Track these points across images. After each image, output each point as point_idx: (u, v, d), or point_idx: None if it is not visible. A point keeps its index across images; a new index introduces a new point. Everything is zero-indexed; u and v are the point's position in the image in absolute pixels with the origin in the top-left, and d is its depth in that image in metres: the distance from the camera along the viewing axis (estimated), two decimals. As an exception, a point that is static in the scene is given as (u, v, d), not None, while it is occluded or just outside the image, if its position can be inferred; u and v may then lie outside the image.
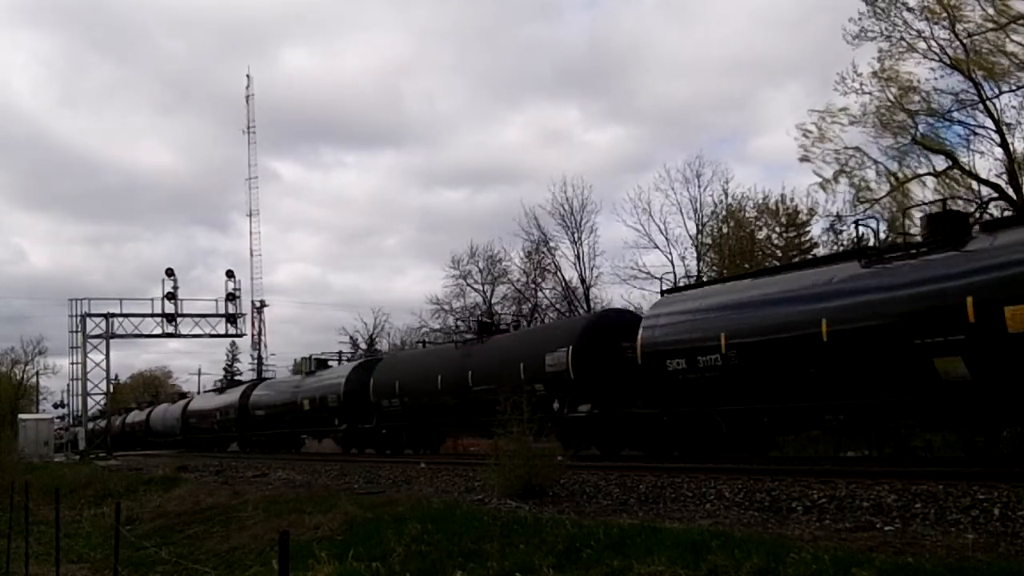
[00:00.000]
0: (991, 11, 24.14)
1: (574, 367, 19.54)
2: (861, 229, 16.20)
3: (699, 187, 37.03)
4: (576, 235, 41.37)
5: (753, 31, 79.97)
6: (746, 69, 77.63)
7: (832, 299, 13.84)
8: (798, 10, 72.31)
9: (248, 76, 59.51)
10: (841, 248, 31.88)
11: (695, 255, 37.14)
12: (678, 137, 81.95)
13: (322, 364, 35.88)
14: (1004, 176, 25.84)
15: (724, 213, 36.97)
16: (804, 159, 29.03)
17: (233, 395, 42.11)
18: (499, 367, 21.96)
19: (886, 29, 25.90)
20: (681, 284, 29.25)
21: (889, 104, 26.68)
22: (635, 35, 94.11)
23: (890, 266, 13.47)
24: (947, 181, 27.34)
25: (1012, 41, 24.23)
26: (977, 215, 25.71)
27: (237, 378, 65.18)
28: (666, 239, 37.40)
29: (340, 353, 40.65)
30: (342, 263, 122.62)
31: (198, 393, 61.18)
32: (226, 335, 52.76)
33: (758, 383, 15.13)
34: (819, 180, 29.22)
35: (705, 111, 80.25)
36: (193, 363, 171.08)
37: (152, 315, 48.76)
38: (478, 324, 27.92)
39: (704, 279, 31.96)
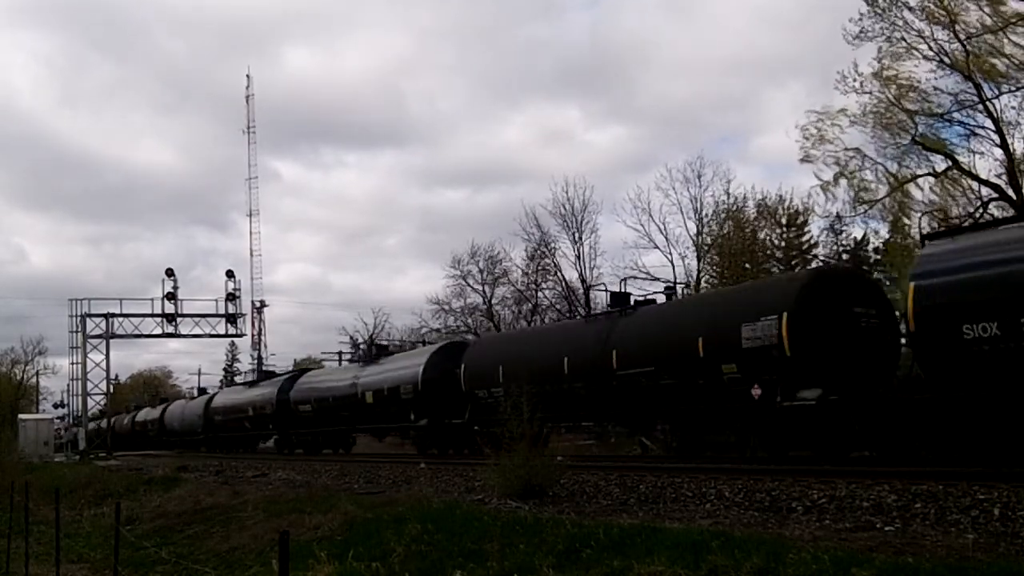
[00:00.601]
0: (989, 11, 24.17)
1: (791, 340, 14.66)
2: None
3: (699, 187, 37.00)
4: (576, 235, 41.34)
5: (754, 30, 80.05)
6: (747, 68, 77.73)
7: None
8: (799, 9, 72.37)
9: (248, 76, 59.47)
10: (842, 248, 31.99)
11: (695, 255, 37.13)
12: (679, 137, 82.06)
13: (383, 350, 32.66)
14: (1004, 176, 25.87)
15: (724, 215, 36.99)
16: (805, 160, 29.07)
17: (269, 388, 36.83)
18: (660, 345, 17.70)
19: (886, 29, 25.92)
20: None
21: (889, 104, 26.71)
22: (636, 34, 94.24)
23: None
24: (947, 182, 27.38)
25: (1010, 42, 24.27)
26: (977, 215, 25.82)
27: (237, 377, 65.07)
28: (666, 239, 37.35)
29: (340, 353, 40.61)
30: (342, 263, 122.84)
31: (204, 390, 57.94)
32: (226, 335, 52.88)
33: None
34: (819, 183, 29.27)
35: (706, 111, 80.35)
36: (193, 363, 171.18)
37: (152, 315, 48.83)
38: (613, 296, 22.24)
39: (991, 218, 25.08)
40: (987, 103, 25.41)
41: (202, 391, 55.68)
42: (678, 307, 20.10)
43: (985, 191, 26.49)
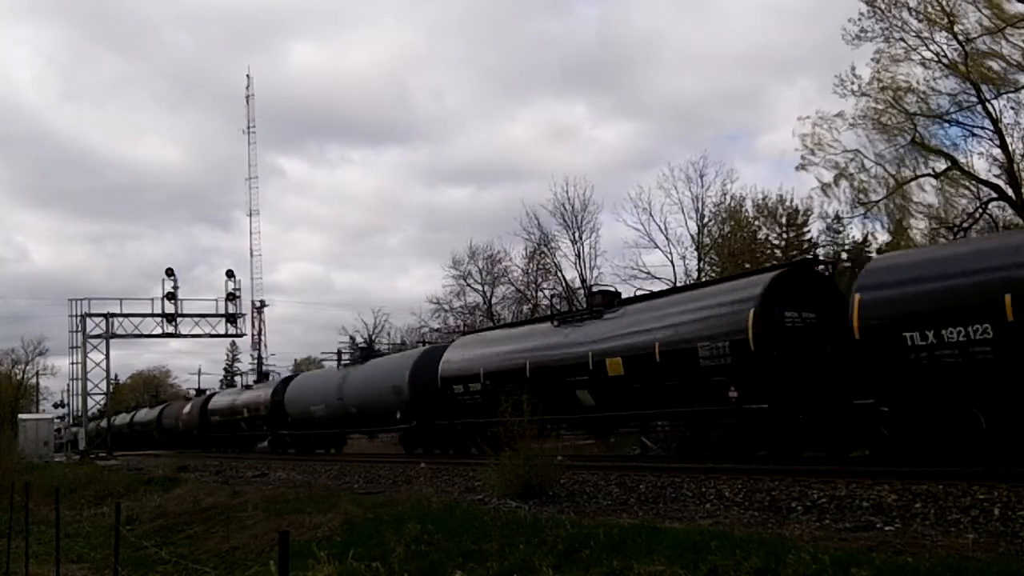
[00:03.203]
0: (987, 13, 24.21)
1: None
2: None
3: (701, 186, 36.96)
4: (577, 235, 41.32)
5: (764, 26, 79.95)
6: (756, 64, 77.56)
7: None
8: (809, 5, 71.91)
9: (248, 76, 59.33)
10: (842, 248, 32.01)
11: (696, 255, 37.11)
12: (686, 133, 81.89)
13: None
14: (1003, 177, 25.90)
15: (724, 215, 36.98)
16: (802, 168, 29.22)
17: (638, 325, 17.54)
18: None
19: (885, 30, 26.01)
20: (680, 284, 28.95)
21: (888, 106, 26.75)
22: (644, 30, 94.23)
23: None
24: (946, 182, 27.41)
25: (1009, 43, 24.31)
26: (976, 215, 25.87)
27: (237, 378, 64.82)
28: (667, 239, 37.30)
29: (339, 353, 40.43)
30: (345, 261, 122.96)
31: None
32: (226, 335, 52.83)
33: None
34: (820, 184, 29.35)
35: (714, 107, 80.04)
36: (193, 363, 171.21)
37: (152, 315, 48.83)
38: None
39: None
40: (986, 104, 25.47)
41: (368, 352, 31.82)
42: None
43: (984, 191, 26.54)
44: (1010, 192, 25.35)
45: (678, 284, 36.07)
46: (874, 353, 13.10)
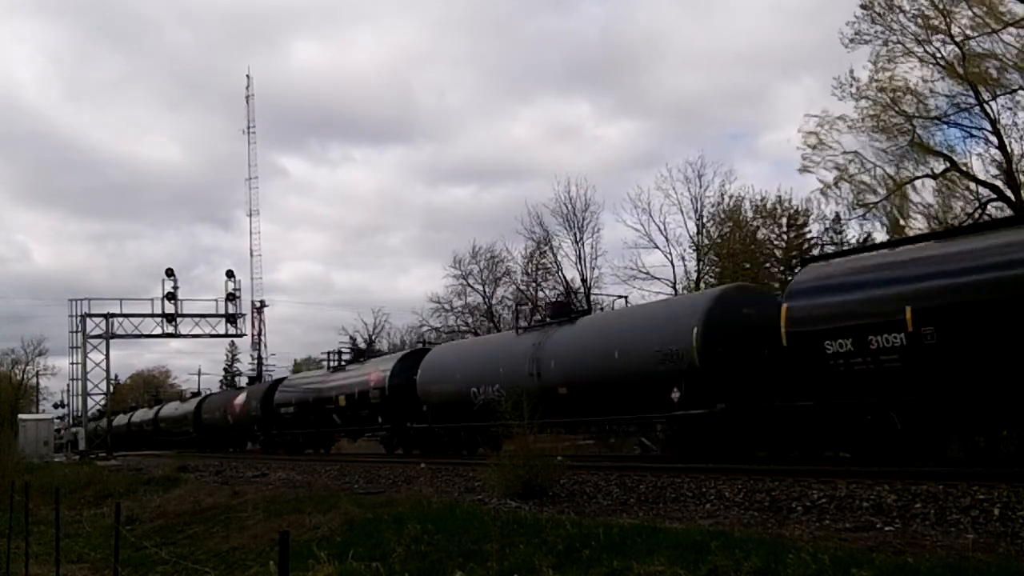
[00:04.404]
0: (983, 14, 24.24)
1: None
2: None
3: (700, 187, 36.96)
4: (578, 235, 41.31)
5: (768, 24, 79.77)
6: (760, 63, 77.36)
7: None
8: (812, 3, 71.56)
9: (248, 76, 59.41)
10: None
11: (695, 255, 37.11)
12: (689, 132, 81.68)
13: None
14: (1002, 177, 25.92)
15: (722, 215, 37.02)
16: (805, 170, 29.26)
17: None
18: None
19: (882, 33, 26.06)
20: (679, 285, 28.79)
21: (886, 107, 26.78)
22: (648, 28, 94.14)
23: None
24: (945, 183, 27.44)
25: (1004, 44, 24.36)
26: (976, 216, 25.84)
27: (238, 378, 64.73)
28: (666, 239, 37.30)
29: (340, 353, 40.42)
30: (346, 261, 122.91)
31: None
32: (226, 335, 52.93)
33: None
34: (821, 185, 29.40)
35: (717, 105, 79.75)
36: (193, 363, 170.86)
37: (152, 315, 48.86)
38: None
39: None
40: (984, 105, 25.50)
41: (574, 310, 23.34)
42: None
43: (984, 192, 26.58)
44: (1009, 193, 25.37)
45: (677, 283, 36.02)
46: None
